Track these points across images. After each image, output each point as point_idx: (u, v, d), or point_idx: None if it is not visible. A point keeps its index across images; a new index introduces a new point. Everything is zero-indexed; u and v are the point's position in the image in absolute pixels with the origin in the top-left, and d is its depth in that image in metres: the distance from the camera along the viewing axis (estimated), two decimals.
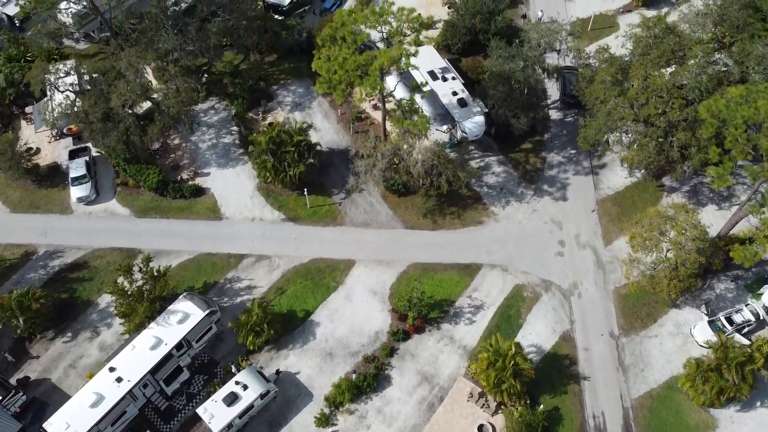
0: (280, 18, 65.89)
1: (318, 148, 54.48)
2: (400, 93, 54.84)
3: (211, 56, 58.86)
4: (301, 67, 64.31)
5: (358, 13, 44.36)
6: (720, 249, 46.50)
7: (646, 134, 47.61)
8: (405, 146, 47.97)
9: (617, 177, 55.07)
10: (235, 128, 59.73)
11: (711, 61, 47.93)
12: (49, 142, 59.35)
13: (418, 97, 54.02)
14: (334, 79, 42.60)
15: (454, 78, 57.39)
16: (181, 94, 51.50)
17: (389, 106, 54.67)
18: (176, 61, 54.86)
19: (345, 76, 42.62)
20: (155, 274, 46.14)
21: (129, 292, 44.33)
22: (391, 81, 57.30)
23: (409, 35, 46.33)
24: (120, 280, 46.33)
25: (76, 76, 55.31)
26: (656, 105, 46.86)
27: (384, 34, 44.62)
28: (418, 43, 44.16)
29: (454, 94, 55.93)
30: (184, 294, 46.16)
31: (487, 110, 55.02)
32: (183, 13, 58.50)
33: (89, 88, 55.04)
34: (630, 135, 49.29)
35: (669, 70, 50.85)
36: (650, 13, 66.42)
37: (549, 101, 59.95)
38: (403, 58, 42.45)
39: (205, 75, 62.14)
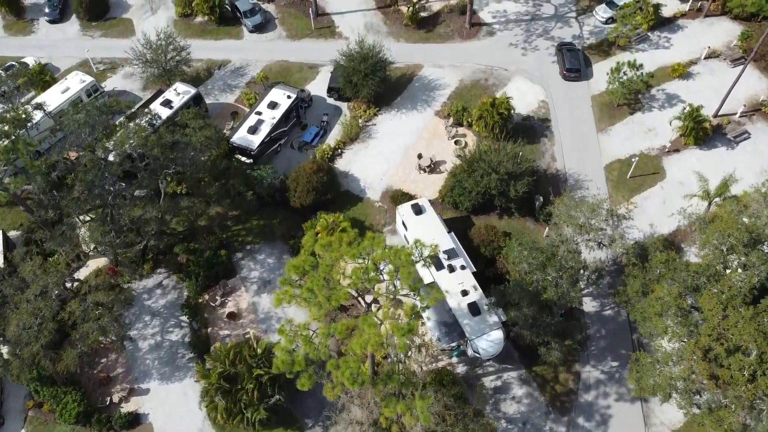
0: (248, 161, 53.41)
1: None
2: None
3: (156, 241, 46.29)
4: (273, 225, 51.95)
5: (334, 249, 31.68)
6: None
7: (727, 402, 35.22)
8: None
9: (673, 408, 42.54)
10: (186, 317, 47.37)
11: None
12: None
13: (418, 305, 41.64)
14: (298, 362, 30.10)
15: (463, 267, 44.87)
16: (104, 318, 39.03)
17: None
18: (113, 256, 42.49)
19: (314, 353, 30.18)
20: None
21: None
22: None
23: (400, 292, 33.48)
24: None
25: None
26: (740, 364, 34.47)
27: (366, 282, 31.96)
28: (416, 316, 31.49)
29: (464, 293, 43.37)
30: None
31: (505, 319, 42.61)
32: (121, 178, 45.80)
33: None
34: (703, 395, 36.88)
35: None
36: (704, 156, 54.52)
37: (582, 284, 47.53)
38: (397, 338, 29.98)
39: (152, 240, 49.59)
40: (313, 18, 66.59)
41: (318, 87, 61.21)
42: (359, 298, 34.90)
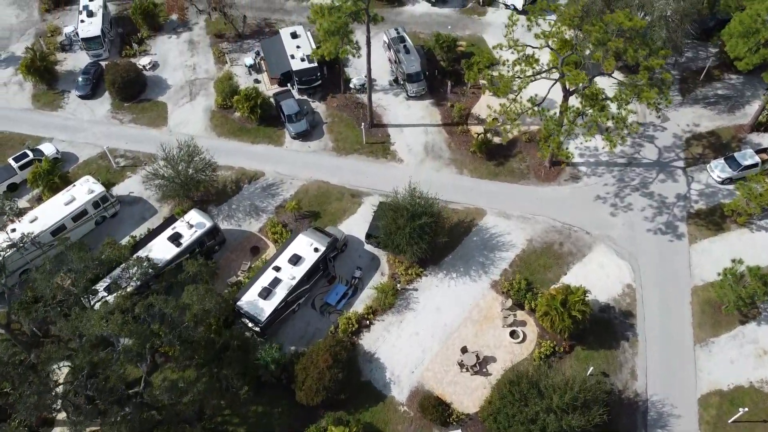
0: (256, 329, 44.30)
1: None
2: None
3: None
4: (272, 416, 42.75)
5: None
6: None
7: None
8: None
9: None
10: None
11: None
12: None
13: None
14: None
15: None
16: None
17: None
18: None
19: None
20: None
21: None
22: None
23: None
24: None
25: None
26: None
27: None
28: None
29: None
30: None
31: None
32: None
33: None
34: None
35: None
36: None
37: None
38: None
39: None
40: (365, 129, 57.00)
41: (357, 223, 51.51)
42: None
